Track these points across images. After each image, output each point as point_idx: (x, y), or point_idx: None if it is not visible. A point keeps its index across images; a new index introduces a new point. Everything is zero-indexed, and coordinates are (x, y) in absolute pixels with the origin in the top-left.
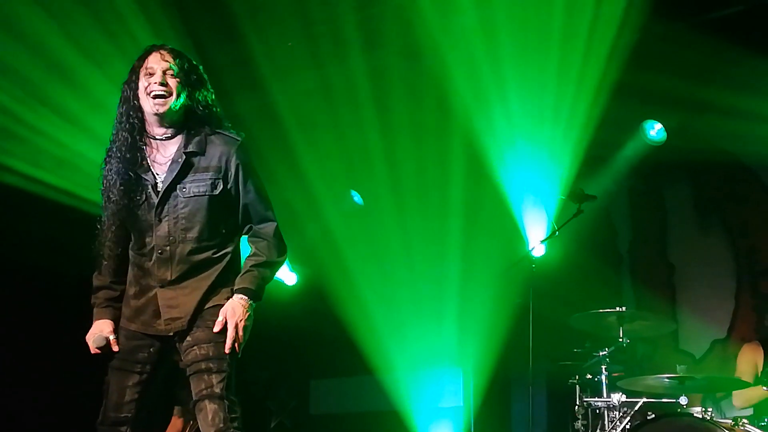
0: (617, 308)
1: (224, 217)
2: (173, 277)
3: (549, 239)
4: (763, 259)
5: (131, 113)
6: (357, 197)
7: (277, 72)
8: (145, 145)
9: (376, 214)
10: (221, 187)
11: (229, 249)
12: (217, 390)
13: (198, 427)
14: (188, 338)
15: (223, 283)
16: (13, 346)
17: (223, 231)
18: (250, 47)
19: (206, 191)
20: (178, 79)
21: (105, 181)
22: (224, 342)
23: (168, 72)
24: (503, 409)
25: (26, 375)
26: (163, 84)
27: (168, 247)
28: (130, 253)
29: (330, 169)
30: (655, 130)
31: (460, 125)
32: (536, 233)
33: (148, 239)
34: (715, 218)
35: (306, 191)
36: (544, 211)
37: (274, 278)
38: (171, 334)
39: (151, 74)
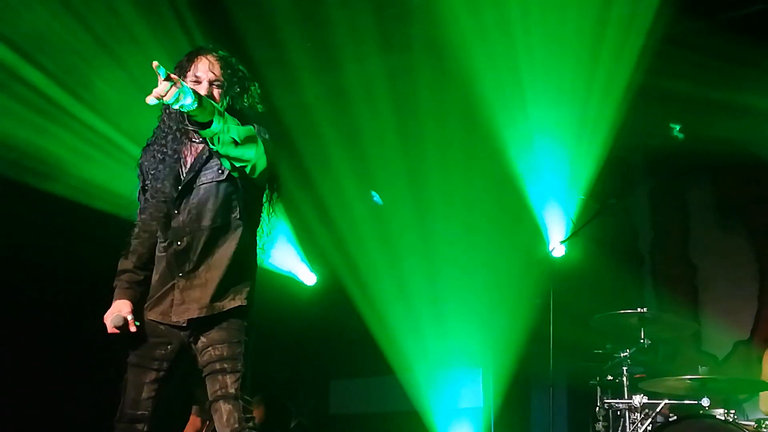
0: (638, 309)
1: (234, 199)
2: (190, 268)
3: (570, 240)
4: None
5: (173, 113)
6: (377, 197)
7: (297, 73)
8: (181, 143)
9: (396, 215)
10: (227, 171)
11: (243, 239)
12: (232, 390)
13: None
14: (203, 339)
15: (237, 279)
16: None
17: (236, 217)
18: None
19: (213, 177)
20: (221, 90)
21: (141, 171)
22: (238, 342)
23: (215, 83)
24: (523, 410)
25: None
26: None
27: (185, 238)
28: (157, 244)
29: (351, 169)
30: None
31: (482, 125)
32: (557, 234)
33: (169, 231)
34: (738, 219)
35: (327, 192)
36: (564, 212)
37: (294, 277)
38: (184, 324)
39: (198, 82)
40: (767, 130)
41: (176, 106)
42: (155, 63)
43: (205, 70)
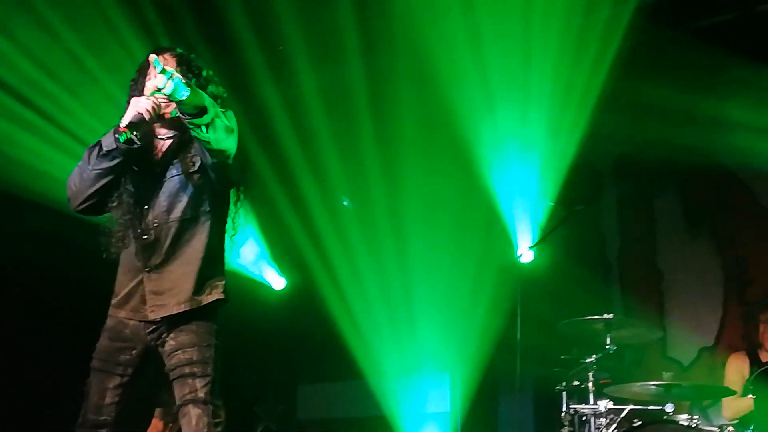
0: (605, 315)
1: (205, 193)
2: (159, 261)
3: (537, 246)
4: (750, 268)
5: None
6: (347, 202)
7: (269, 76)
8: (147, 141)
9: (365, 219)
10: (199, 163)
11: (212, 232)
12: (201, 394)
13: (178, 428)
14: (172, 342)
15: (210, 273)
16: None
17: (206, 210)
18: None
19: (184, 170)
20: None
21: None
22: (208, 346)
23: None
24: (490, 415)
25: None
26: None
27: (152, 231)
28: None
29: (322, 172)
30: None
31: (451, 130)
32: (525, 239)
33: (136, 225)
34: (704, 227)
35: (296, 195)
36: (532, 218)
37: (263, 282)
38: (158, 319)
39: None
40: (734, 138)
41: (172, 97)
42: (152, 56)
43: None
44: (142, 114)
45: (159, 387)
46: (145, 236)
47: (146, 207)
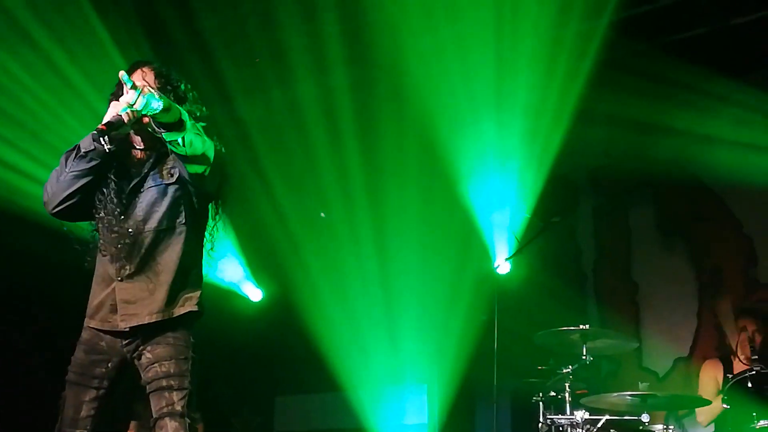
0: (581, 326)
1: (182, 205)
2: (131, 271)
3: (514, 257)
4: (725, 278)
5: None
6: (324, 216)
7: (246, 88)
8: (124, 151)
9: (342, 232)
10: (177, 174)
11: (188, 244)
12: (178, 408)
13: None
14: (148, 355)
15: (184, 285)
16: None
17: (182, 221)
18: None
19: (163, 181)
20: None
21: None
22: (185, 359)
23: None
24: (467, 426)
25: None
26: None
27: (126, 241)
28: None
29: (297, 185)
30: None
31: (429, 142)
32: (502, 251)
33: (111, 234)
34: (678, 238)
35: (273, 208)
36: (509, 229)
37: (240, 293)
38: (127, 329)
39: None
40: (707, 151)
41: (145, 111)
42: (122, 72)
43: (138, 79)
44: (120, 115)
45: (134, 400)
46: (119, 245)
47: (122, 216)
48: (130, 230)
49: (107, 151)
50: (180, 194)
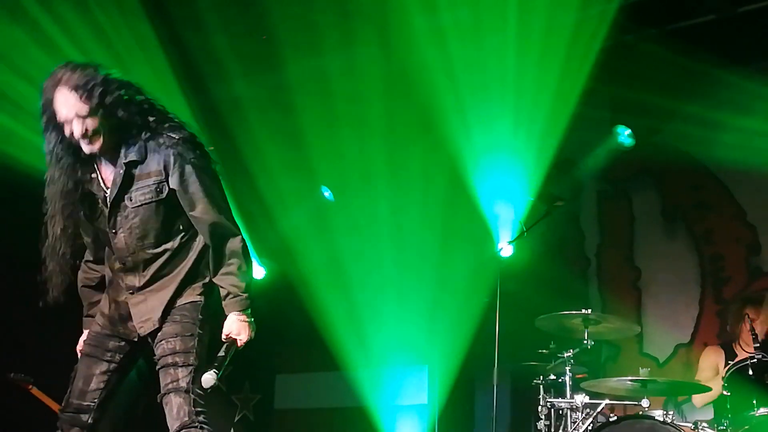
0: (583, 310)
1: (177, 215)
2: (141, 284)
3: (517, 240)
4: (727, 265)
5: (68, 145)
6: (328, 194)
7: (250, 65)
8: (91, 160)
9: (346, 211)
10: (167, 189)
11: (192, 243)
12: (183, 384)
13: None
14: (158, 333)
15: (193, 278)
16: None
17: (181, 228)
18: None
19: (152, 198)
20: (94, 116)
21: (53, 190)
22: (191, 336)
23: (81, 117)
24: (467, 408)
25: None
26: (85, 133)
27: (129, 258)
28: (106, 265)
29: (301, 163)
30: (625, 134)
31: (433, 124)
32: (506, 234)
33: (109, 252)
34: (681, 225)
35: (275, 185)
36: (513, 212)
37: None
38: (145, 334)
39: (67, 122)
40: (712, 138)
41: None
42: None
43: (62, 105)
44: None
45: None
46: (124, 263)
47: (115, 232)
48: (131, 248)
49: None
50: (172, 207)
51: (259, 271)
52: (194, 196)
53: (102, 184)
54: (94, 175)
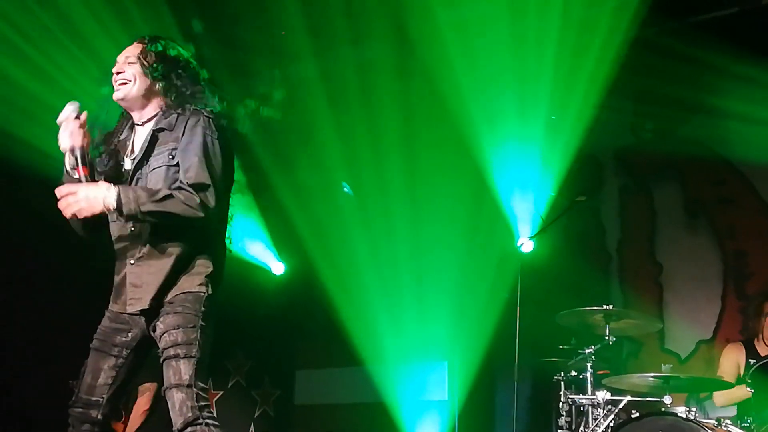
0: (604, 306)
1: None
2: (140, 254)
3: (538, 235)
4: (749, 261)
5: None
6: (348, 188)
7: (269, 61)
8: (130, 129)
9: (365, 206)
10: (177, 155)
11: (194, 228)
12: (186, 377)
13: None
14: (161, 325)
15: (188, 264)
16: None
17: None
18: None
19: (164, 162)
20: (138, 65)
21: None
22: (193, 327)
23: (127, 60)
24: (488, 404)
25: None
26: (120, 72)
27: (137, 224)
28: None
29: (321, 159)
30: None
31: (453, 119)
32: (526, 229)
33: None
34: (704, 220)
35: (296, 181)
36: (534, 208)
37: (262, 266)
38: (137, 312)
39: (117, 62)
40: (735, 131)
41: None
42: None
43: (124, 50)
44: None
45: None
46: (133, 228)
47: None
48: None
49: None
50: (173, 169)
51: (278, 268)
52: (190, 158)
53: (132, 153)
54: (127, 144)
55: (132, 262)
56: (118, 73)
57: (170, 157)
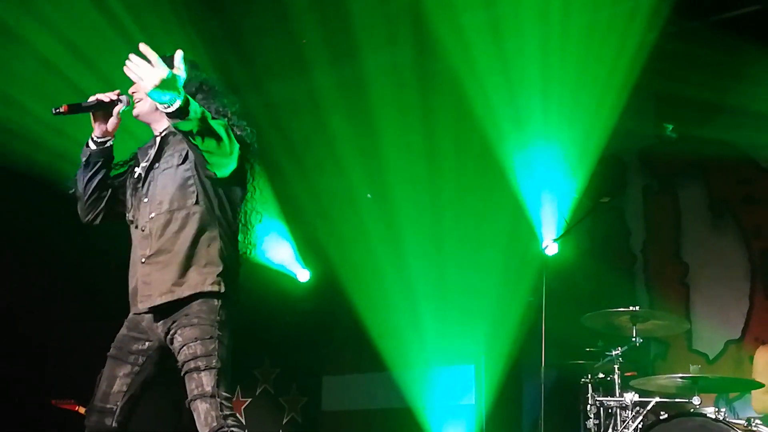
0: (630, 307)
1: (192, 185)
2: (151, 253)
3: (563, 237)
4: None
5: None
6: (369, 195)
7: (291, 69)
8: (153, 141)
9: (389, 212)
10: (185, 154)
11: (205, 223)
12: (208, 388)
13: None
14: (179, 338)
15: (198, 265)
16: None
17: (194, 202)
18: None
19: (173, 163)
20: None
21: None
22: (211, 339)
23: None
24: (515, 407)
25: None
26: (134, 92)
27: (148, 224)
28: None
29: (345, 166)
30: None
31: (476, 121)
32: (550, 231)
33: (135, 218)
34: (729, 219)
35: (320, 188)
36: (558, 210)
37: (288, 273)
38: (146, 311)
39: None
40: (760, 130)
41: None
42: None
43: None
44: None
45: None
46: (143, 229)
47: (145, 200)
48: (150, 214)
49: (107, 145)
50: (189, 174)
51: (304, 275)
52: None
53: (149, 161)
54: (147, 154)
55: (143, 261)
56: (133, 93)
57: (179, 158)
